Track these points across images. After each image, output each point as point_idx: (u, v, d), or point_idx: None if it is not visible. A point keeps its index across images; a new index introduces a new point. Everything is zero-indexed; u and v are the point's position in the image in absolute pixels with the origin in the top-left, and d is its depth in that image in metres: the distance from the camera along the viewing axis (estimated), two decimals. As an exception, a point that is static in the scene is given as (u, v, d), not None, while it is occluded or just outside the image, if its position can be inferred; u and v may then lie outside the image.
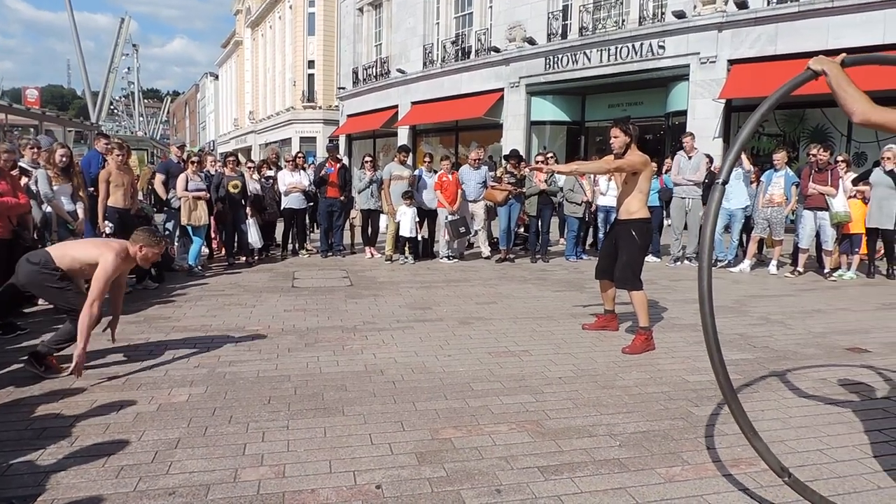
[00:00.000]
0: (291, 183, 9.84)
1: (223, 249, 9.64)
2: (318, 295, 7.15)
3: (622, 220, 5.24)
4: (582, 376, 4.39)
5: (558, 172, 7.44)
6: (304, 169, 10.37)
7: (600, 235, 10.24)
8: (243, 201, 9.17)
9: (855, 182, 8.99)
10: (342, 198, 10.06)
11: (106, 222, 6.91)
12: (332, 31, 34.46)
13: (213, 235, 9.67)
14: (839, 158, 9.04)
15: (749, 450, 3.15)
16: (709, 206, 2.49)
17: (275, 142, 39.56)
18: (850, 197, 8.64)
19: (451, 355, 4.86)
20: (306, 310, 6.39)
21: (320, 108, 37.28)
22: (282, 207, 9.97)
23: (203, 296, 7.02)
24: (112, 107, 54.62)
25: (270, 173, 10.43)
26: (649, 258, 9.88)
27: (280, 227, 10.51)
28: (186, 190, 8.20)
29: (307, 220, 10.93)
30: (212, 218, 8.86)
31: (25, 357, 4.26)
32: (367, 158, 10.20)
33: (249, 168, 10.13)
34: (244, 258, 9.34)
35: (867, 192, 8.61)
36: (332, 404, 3.79)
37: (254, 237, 9.31)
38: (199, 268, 8.49)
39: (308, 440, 3.28)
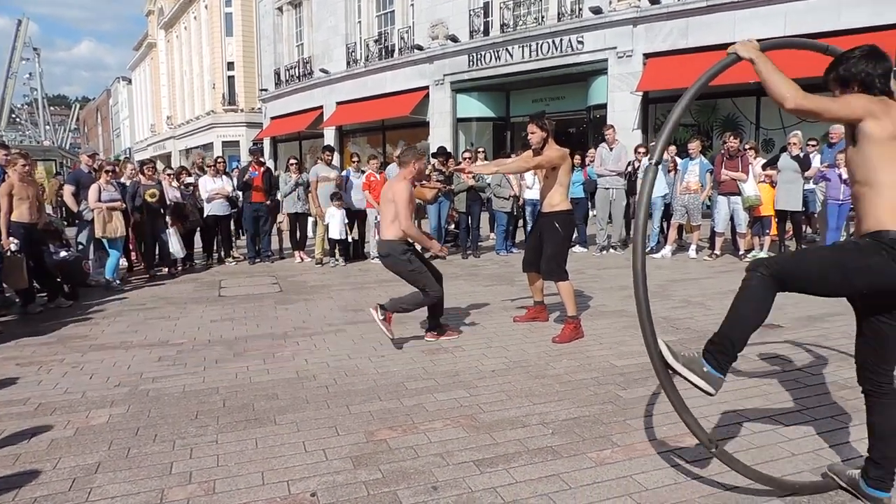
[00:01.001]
0: (214, 189, 9.52)
1: (143, 261, 9.23)
2: (246, 303, 6.96)
3: (545, 213, 5.35)
4: (514, 368, 4.45)
5: (480, 173, 7.46)
6: (226, 174, 10.06)
7: (529, 229, 10.41)
8: (162, 210, 8.81)
9: (764, 167, 9.50)
10: (268, 202, 9.83)
11: (11, 239, 6.49)
12: (251, 31, 33.57)
13: (131, 247, 9.25)
14: (747, 146, 9.52)
15: (674, 428, 3.30)
16: (643, 185, 2.57)
17: (196, 147, 38.20)
18: (759, 182, 9.11)
19: (385, 356, 4.83)
20: (234, 319, 6.21)
21: (242, 110, 36.24)
22: (205, 215, 9.63)
23: (123, 311, 6.71)
24: (13, 115, 51.29)
25: (190, 180, 10.06)
26: (576, 248, 10.15)
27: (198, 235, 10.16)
28: (100, 200, 7.80)
29: (232, 227, 10.61)
30: (129, 229, 8.47)
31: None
32: (292, 161, 10.00)
33: (168, 175, 9.74)
34: (166, 269, 8.99)
35: (775, 176, 9.12)
36: (264, 414, 3.70)
37: (175, 247, 8.95)
38: (118, 282, 8.10)
39: (239, 453, 3.19)
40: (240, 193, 9.86)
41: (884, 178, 2.34)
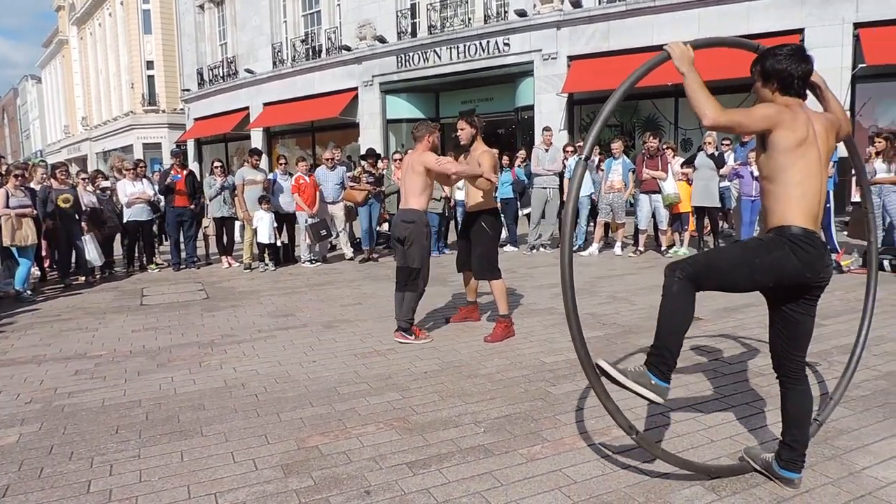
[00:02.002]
0: (134, 193, 9.12)
1: (57, 270, 8.73)
2: (170, 311, 6.71)
3: (472, 213, 5.40)
4: (447, 369, 4.48)
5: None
6: (146, 177, 9.66)
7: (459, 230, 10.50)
8: (77, 216, 8.36)
9: (681, 166, 9.92)
10: (192, 206, 9.50)
11: None
12: (172, 29, 32.30)
13: (44, 255, 8.74)
14: (664, 146, 9.92)
15: (601, 421, 3.40)
16: (572, 178, 2.62)
17: (114, 149, 36.45)
18: (678, 180, 9.52)
19: (317, 361, 4.76)
20: (158, 328, 5.97)
21: (164, 111, 34.85)
22: (124, 220, 9.21)
23: (35, 323, 6.33)
24: None
25: (107, 184, 9.60)
26: (507, 248, 10.31)
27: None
28: (8, 207, 7.34)
29: (156, 232, 10.20)
30: (41, 236, 7.99)
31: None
32: (217, 164, 9.71)
33: (83, 179, 9.26)
34: (83, 278, 8.54)
35: (692, 174, 9.54)
36: (190, 426, 3.57)
37: (93, 254, 8.51)
38: (29, 292, 7.63)
39: (163, 467, 3.07)
40: (161, 197, 9.48)
41: (789, 177, 2.49)
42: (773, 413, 3.43)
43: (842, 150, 8.61)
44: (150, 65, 34.91)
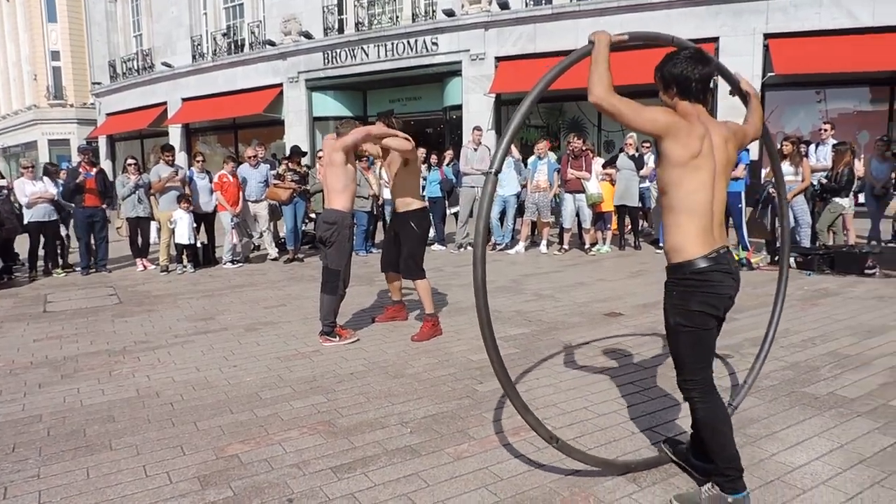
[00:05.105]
0: (34, 192, 8.50)
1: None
2: (77, 318, 6.30)
3: (400, 213, 5.35)
4: (373, 369, 4.40)
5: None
6: (47, 175, 9.04)
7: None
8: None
9: (604, 166, 10.20)
10: (104, 206, 8.96)
11: None
12: (80, 17, 30.49)
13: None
14: (584, 147, 10.15)
15: (526, 417, 3.41)
16: (483, 195, 2.52)
17: (15, 146, 34.16)
18: (600, 180, 9.78)
19: (238, 365, 4.58)
20: (63, 336, 5.58)
21: (72, 105, 32.88)
22: (25, 221, 8.58)
23: (-78, 333, 5.80)
24: None
25: (3, 182, 8.92)
26: (435, 247, 10.31)
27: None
28: None
29: (64, 234, 9.55)
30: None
31: None
32: (130, 161, 9.20)
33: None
34: (-21, 284, 7.91)
35: (614, 174, 9.83)
36: (97, 440, 3.35)
37: (-12, 258, 7.89)
38: (-84, 300, 7.00)
39: (66, 486, 2.86)
40: (68, 197, 8.89)
41: (681, 192, 2.43)
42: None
43: (753, 153, 9.13)
44: (55, 55, 32.86)
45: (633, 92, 2.55)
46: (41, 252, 8.83)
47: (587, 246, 9.86)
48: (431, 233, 10.79)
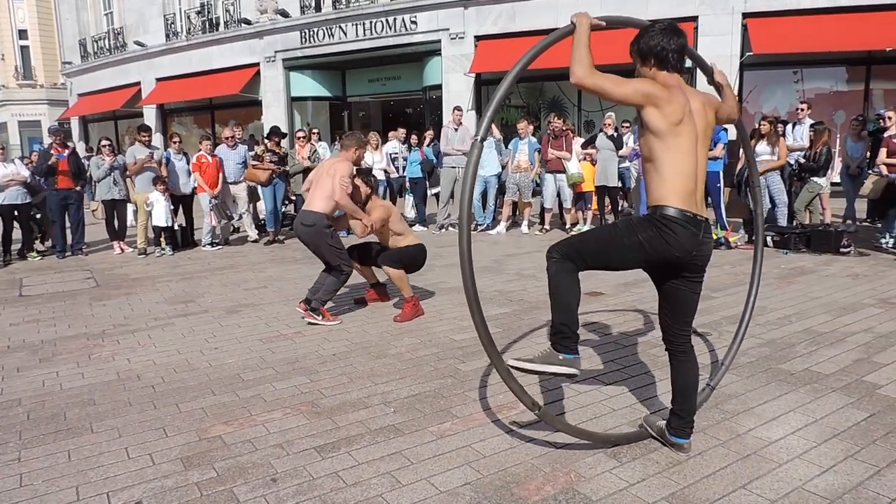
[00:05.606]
0: (6, 175, 8.31)
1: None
2: (54, 301, 6.21)
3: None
4: (356, 350, 4.41)
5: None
6: (20, 158, 8.83)
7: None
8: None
9: (583, 146, 10.21)
10: (77, 188, 8.80)
11: None
12: (49, -5, 29.68)
13: None
14: (564, 127, 10.15)
15: (508, 396, 3.44)
16: (468, 162, 2.58)
17: (-15, 127, 33.26)
18: (581, 160, 9.80)
19: (219, 347, 4.56)
20: (40, 320, 5.51)
21: (42, 86, 32.08)
22: (-3, 204, 8.40)
23: None
24: None
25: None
26: (416, 228, 10.29)
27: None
28: None
29: (38, 217, 9.37)
30: None
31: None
32: (105, 142, 9.02)
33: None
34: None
35: (594, 154, 9.85)
36: (78, 423, 3.32)
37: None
38: None
39: (47, 469, 2.84)
40: (42, 179, 8.71)
41: (665, 157, 2.54)
42: (667, 382, 3.61)
43: (731, 133, 9.21)
44: (22, 34, 31.94)
45: (613, 71, 2.57)
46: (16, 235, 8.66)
47: (568, 226, 9.90)
48: (413, 214, 10.78)
